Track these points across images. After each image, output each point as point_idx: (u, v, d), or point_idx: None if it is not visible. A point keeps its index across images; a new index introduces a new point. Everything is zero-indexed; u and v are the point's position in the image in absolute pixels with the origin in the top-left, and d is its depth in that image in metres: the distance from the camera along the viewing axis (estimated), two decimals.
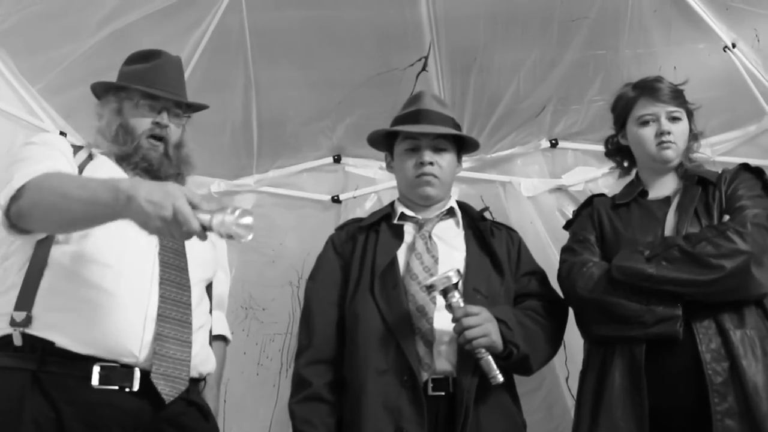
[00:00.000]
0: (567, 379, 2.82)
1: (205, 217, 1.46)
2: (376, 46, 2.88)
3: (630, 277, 2.00)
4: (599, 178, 3.06)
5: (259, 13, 2.77)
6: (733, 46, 2.71)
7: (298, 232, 3.19)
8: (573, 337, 2.31)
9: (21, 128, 2.72)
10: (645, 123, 2.21)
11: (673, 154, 2.19)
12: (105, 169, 1.93)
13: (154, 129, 2.01)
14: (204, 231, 1.48)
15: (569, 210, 3.03)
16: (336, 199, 3.23)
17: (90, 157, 1.96)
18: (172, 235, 1.49)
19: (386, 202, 2.55)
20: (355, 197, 3.22)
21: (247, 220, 1.48)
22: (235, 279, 3.11)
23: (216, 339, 2.14)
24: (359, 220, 2.40)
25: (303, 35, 2.84)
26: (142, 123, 2.00)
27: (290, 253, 3.15)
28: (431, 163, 2.24)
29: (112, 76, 2.08)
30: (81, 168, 1.90)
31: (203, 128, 3.01)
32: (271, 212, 3.23)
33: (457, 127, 2.36)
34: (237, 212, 1.47)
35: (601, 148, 3.01)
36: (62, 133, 2.79)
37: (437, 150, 2.27)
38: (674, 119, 2.20)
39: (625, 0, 2.68)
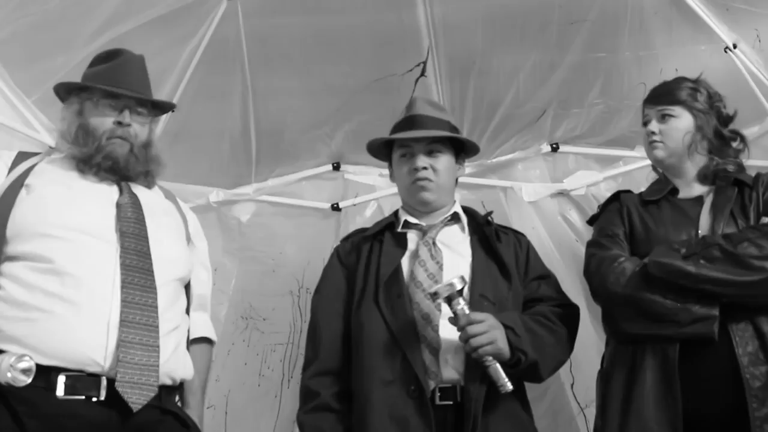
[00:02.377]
0: (572, 386, 2.79)
1: None
2: (373, 51, 2.87)
3: (669, 274, 1.96)
4: (601, 182, 3.04)
5: (256, 20, 2.76)
6: (735, 46, 2.69)
7: (297, 241, 3.18)
8: (578, 344, 2.28)
9: (17, 140, 2.69)
10: (644, 125, 2.25)
11: (660, 153, 2.19)
12: (52, 178, 1.90)
13: (116, 129, 1.97)
14: None
15: (571, 214, 3.01)
16: (336, 207, 3.21)
17: (42, 162, 1.94)
18: None
19: (387, 209, 2.54)
20: (355, 205, 3.19)
21: (23, 364, 1.61)
22: (235, 289, 3.11)
23: (198, 342, 2.10)
24: (364, 230, 2.39)
25: (300, 42, 2.83)
26: (103, 123, 1.97)
27: (290, 261, 3.13)
28: (425, 168, 2.23)
29: None
30: (23, 177, 1.87)
31: (201, 137, 3.02)
32: (270, 221, 3.21)
33: (455, 129, 2.35)
34: (14, 357, 1.60)
35: (602, 151, 3.03)
36: (53, 149, 2.77)
37: (431, 154, 2.26)
38: (664, 117, 2.19)
39: (624, 2, 2.66)
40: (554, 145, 3.10)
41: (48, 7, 2.47)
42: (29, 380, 1.61)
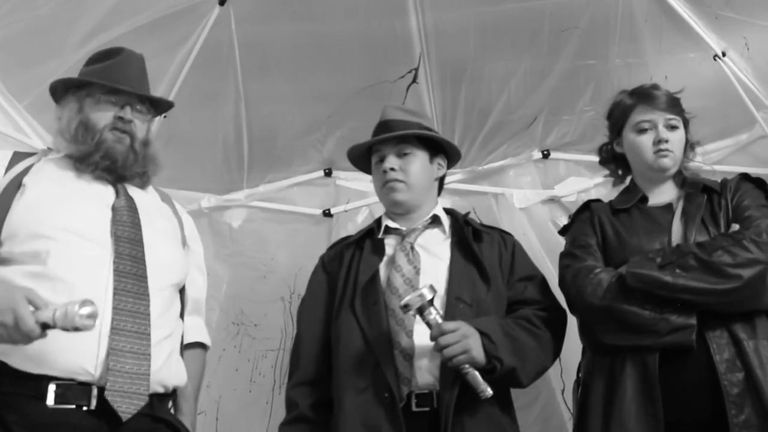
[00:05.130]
0: (563, 392, 2.79)
1: (47, 315, 1.52)
2: (366, 58, 2.87)
3: (646, 284, 1.96)
4: (591, 188, 3.05)
5: (248, 26, 2.76)
6: (723, 54, 2.70)
7: (289, 247, 3.18)
8: (568, 349, 2.28)
9: (8, 145, 2.67)
10: (642, 130, 2.20)
11: (670, 162, 2.18)
12: (48, 178, 1.87)
13: (117, 123, 1.94)
14: (44, 331, 1.54)
15: (562, 221, 3.01)
16: (327, 213, 3.21)
17: (39, 163, 1.92)
18: (12, 339, 1.53)
19: (378, 215, 2.54)
20: (346, 211, 3.20)
21: (87, 309, 1.53)
22: (226, 295, 3.10)
23: (192, 346, 2.08)
24: (348, 237, 2.39)
25: (292, 49, 2.84)
26: (104, 117, 1.94)
27: (282, 268, 3.13)
28: (393, 169, 2.24)
29: None
30: (20, 177, 1.84)
31: (193, 143, 3.01)
32: (262, 227, 3.21)
33: (428, 131, 2.34)
34: (77, 304, 1.53)
35: (593, 158, 3.01)
36: (49, 150, 2.76)
37: (401, 155, 2.26)
38: (672, 127, 2.18)
39: (614, 10, 2.68)
40: (545, 152, 3.11)
41: (39, 12, 2.46)
42: (95, 324, 1.56)
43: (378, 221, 2.35)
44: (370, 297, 2.11)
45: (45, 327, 1.53)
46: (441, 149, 2.36)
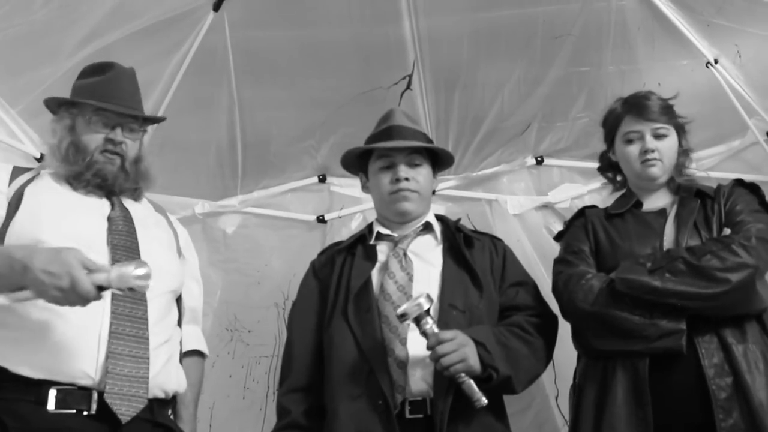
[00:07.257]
0: (557, 398, 2.80)
1: (101, 277, 1.57)
2: (360, 64, 2.88)
3: (635, 290, 1.97)
4: (585, 194, 3.06)
5: (242, 32, 2.76)
6: (716, 61, 2.72)
7: (283, 253, 3.17)
8: (562, 355, 2.29)
9: (1, 151, 2.68)
10: (630, 141, 2.22)
11: (658, 171, 2.19)
12: (46, 189, 1.90)
13: (107, 145, 1.96)
14: (100, 292, 1.58)
15: (556, 227, 3.02)
16: (321, 219, 3.21)
17: (36, 177, 1.94)
18: (69, 301, 1.56)
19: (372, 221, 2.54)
20: (340, 217, 3.20)
21: (141, 270, 1.58)
22: (220, 301, 3.09)
23: (190, 354, 2.09)
24: (339, 243, 2.39)
25: (286, 55, 2.84)
26: (95, 140, 1.96)
27: (276, 274, 3.13)
28: (407, 179, 2.23)
29: None
30: (20, 191, 1.87)
31: (187, 148, 3.01)
32: (255, 233, 3.21)
33: (430, 142, 2.36)
34: (132, 265, 1.58)
35: (586, 164, 3.04)
36: (43, 156, 2.75)
37: (412, 165, 2.26)
38: (660, 136, 2.20)
39: (607, 17, 2.69)
40: (539, 158, 3.12)
41: (33, 18, 2.46)
42: (149, 285, 1.61)
43: (369, 227, 2.35)
44: (363, 303, 2.11)
45: (101, 289, 1.57)
46: (437, 161, 2.37)
